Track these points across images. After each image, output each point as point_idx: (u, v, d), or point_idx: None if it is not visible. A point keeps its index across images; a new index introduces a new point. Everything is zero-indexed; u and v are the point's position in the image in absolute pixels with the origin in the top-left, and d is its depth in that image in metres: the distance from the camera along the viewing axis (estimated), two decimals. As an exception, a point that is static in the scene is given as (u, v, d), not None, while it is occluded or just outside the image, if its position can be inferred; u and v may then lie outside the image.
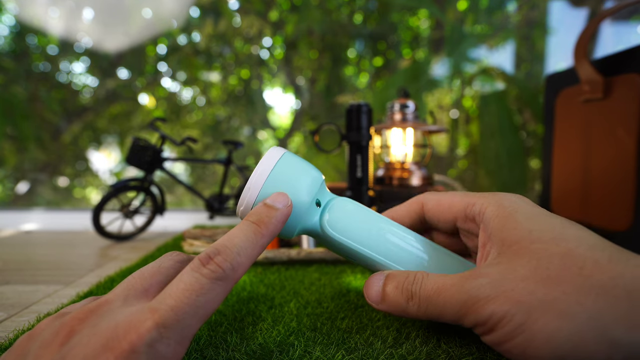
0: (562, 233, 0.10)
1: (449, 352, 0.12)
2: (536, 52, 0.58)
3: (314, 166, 0.14)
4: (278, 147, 0.14)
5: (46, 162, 0.60)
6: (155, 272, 0.11)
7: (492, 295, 0.10)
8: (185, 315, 0.09)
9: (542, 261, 0.09)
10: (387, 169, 0.32)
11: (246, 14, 0.62)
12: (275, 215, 0.12)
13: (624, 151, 0.25)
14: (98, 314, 0.09)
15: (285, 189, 0.13)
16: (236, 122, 0.66)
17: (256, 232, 0.11)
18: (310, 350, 0.13)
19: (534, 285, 0.09)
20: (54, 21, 0.57)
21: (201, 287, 0.09)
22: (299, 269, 0.23)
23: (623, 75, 0.25)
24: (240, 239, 0.11)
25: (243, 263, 0.10)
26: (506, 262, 0.10)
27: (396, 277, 0.12)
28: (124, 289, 0.10)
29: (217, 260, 0.10)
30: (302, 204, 0.13)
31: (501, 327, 0.09)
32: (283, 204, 0.12)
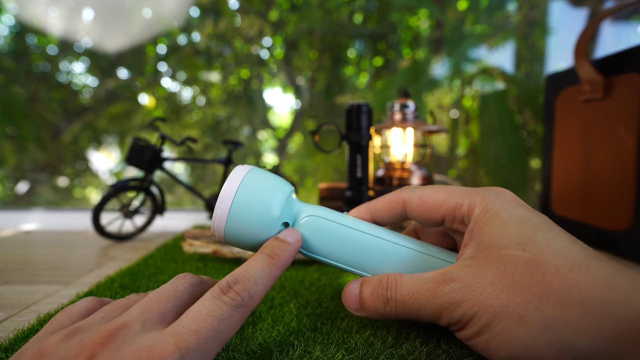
0: (531, 237, 0.10)
1: (449, 352, 0.12)
2: (536, 52, 0.58)
3: (281, 179, 0.14)
4: (243, 165, 0.14)
5: (46, 162, 0.60)
6: (172, 295, 0.11)
7: (463, 299, 0.10)
8: (207, 340, 0.09)
9: (509, 267, 0.10)
10: (387, 169, 0.32)
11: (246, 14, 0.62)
12: (287, 249, 0.12)
13: (624, 151, 0.25)
14: (119, 338, 0.09)
15: (253, 207, 0.13)
16: (236, 122, 0.66)
17: (270, 264, 0.12)
18: (310, 350, 0.13)
19: (500, 290, 0.10)
20: (53, 21, 0.57)
21: (222, 314, 0.10)
22: (299, 269, 0.23)
23: (623, 75, 0.25)
24: (257, 269, 0.11)
25: (259, 292, 0.11)
26: (476, 265, 0.11)
27: (370, 283, 0.13)
28: (141, 311, 0.10)
29: (236, 288, 0.10)
30: (273, 219, 0.13)
31: (470, 326, 0.10)
32: (294, 238, 0.13)
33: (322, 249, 0.14)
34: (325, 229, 0.14)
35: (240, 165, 0.14)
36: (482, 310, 0.10)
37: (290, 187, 0.14)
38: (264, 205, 0.13)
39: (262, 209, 0.13)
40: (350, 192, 0.28)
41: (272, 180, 0.14)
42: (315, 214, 0.14)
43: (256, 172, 0.14)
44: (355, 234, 0.14)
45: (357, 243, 0.14)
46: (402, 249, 0.14)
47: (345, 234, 0.14)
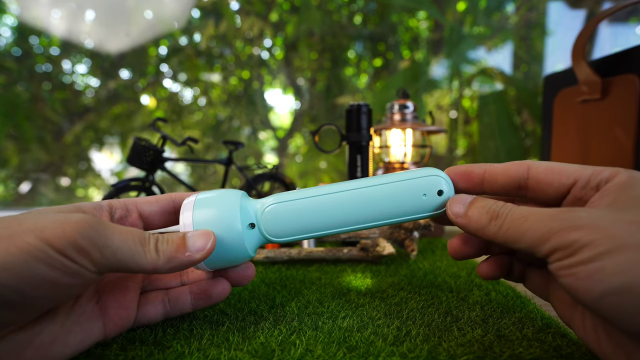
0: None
1: (449, 351, 0.13)
2: (535, 52, 0.58)
3: (227, 193, 0.14)
4: (188, 198, 0.14)
5: (48, 162, 0.61)
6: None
7: (586, 224, 0.09)
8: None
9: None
10: (387, 169, 0.33)
11: (247, 15, 0.62)
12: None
13: (622, 150, 0.25)
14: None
15: (215, 229, 0.13)
16: (237, 123, 0.66)
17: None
18: (311, 348, 0.13)
19: (637, 229, 0.09)
20: (56, 22, 0.57)
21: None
22: (300, 268, 0.23)
23: (620, 75, 0.25)
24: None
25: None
26: (615, 207, 0.10)
27: (485, 200, 0.12)
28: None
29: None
30: (237, 232, 0.13)
31: (582, 252, 0.09)
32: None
33: (295, 228, 0.14)
34: (287, 210, 0.14)
35: (186, 199, 0.14)
36: (605, 239, 0.09)
37: (239, 192, 0.14)
38: (223, 223, 0.13)
39: (223, 227, 0.13)
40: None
41: (220, 197, 0.14)
42: (270, 203, 0.14)
43: (201, 197, 0.14)
44: (314, 200, 0.13)
45: (322, 207, 0.13)
46: (368, 190, 0.13)
47: (305, 204, 0.14)
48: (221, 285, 0.14)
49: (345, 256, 0.25)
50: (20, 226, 0.09)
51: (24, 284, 0.09)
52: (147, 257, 0.11)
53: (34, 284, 0.09)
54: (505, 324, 0.15)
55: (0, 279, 0.09)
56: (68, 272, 0.10)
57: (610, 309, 0.09)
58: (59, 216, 0.10)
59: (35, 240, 0.09)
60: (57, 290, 0.10)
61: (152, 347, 0.13)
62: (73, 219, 0.10)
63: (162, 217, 0.15)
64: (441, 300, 0.17)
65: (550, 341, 0.13)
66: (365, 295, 0.18)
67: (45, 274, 0.09)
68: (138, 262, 0.11)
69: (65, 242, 0.09)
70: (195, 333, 0.14)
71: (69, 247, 0.09)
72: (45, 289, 0.09)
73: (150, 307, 0.14)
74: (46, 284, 0.09)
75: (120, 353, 0.13)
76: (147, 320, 0.14)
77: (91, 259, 0.10)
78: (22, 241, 0.09)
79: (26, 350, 0.10)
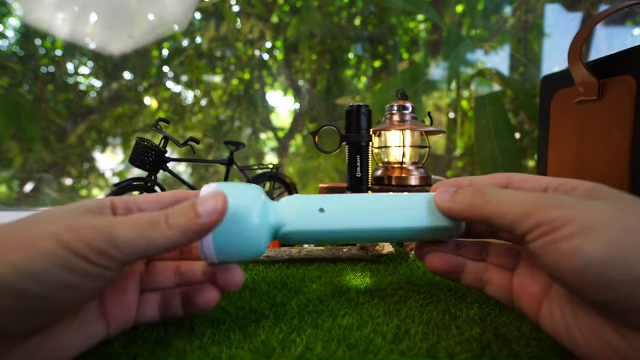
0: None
1: (448, 349, 0.13)
2: (532, 54, 0.58)
3: (250, 186, 0.14)
4: (209, 184, 0.14)
5: (52, 162, 0.61)
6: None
7: (569, 204, 0.10)
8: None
9: (631, 205, 0.10)
10: (386, 169, 0.33)
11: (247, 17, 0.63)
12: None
13: (619, 152, 0.25)
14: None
15: (234, 218, 0.13)
16: (238, 123, 0.67)
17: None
18: (311, 346, 0.13)
19: (613, 211, 0.10)
20: (59, 24, 0.58)
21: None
22: (300, 267, 0.24)
23: (617, 77, 0.26)
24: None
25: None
26: (593, 199, 0.11)
27: (470, 187, 0.13)
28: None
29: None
30: (254, 225, 0.13)
31: (565, 227, 0.10)
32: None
33: (312, 240, 0.14)
34: (303, 199, 0.14)
35: (206, 185, 0.14)
36: (587, 216, 0.09)
37: (260, 188, 0.14)
38: (244, 213, 0.13)
39: (242, 217, 0.13)
40: (350, 191, 0.29)
41: (242, 188, 0.14)
42: (288, 230, 0.14)
43: (224, 185, 0.14)
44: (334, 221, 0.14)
45: (339, 225, 0.14)
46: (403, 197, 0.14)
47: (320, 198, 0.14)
48: (206, 294, 0.14)
49: (344, 255, 0.25)
50: (37, 232, 0.10)
51: (50, 291, 0.09)
52: (163, 238, 0.11)
53: (60, 290, 0.09)
54: (504, 322, 0.15)
55: (29, 287, 0.09)
56: (90, 275, 0.10)
57: (592, 281, 0.09)
58: (71, 221, 0.10)
59: (56, 246, 0.09)
60: (80, 294, 0.10)
61: (154, 345, 0.13)
62: (86, 223, 0.10)
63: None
64: (440, 299, 0.17)
65: (547, 340, 0.13)
66: (364, 294, 0.18)
67: (68, 279, 0.09)
68: (155, 244, 0.11)
69: (84, 246, 0.10)
70: (196, 331, 0.14)
71: (88, 251, 0.10)
72: (69, 294, 0.10)
73: (147, 308, 0.14)
74: (70, 289, 0.10)
75: (122, 351, 0.13)
76: (145, 321, 0.14)
77: (111, 257, 0.10)
78: (44, 248, 0.09)
79: (38, 355, 0.10)
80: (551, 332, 0.12)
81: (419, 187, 0.31)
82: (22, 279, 0.09)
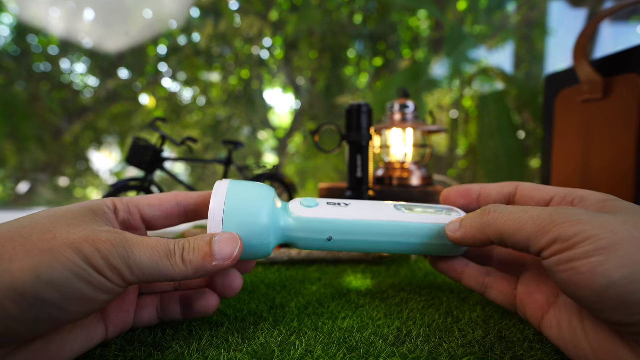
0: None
1: (450, 352, 0.12)
2: (536, 52, 0.58)
3: (261, 184, 0.14)
4: (222, 180, 0.14)
5: (47, 162, 0.60)
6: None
7: (586, 219, 0.10)
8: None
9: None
10: (387, 169, 0.32)
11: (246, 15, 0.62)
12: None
13: (624, 151, 0.25)
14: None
15: (244, 217, 0.13)
16: (236, 122, 0.66)
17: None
18: (311, 349, 0.13)
19: (632, 227, 0.09)
20: (54, 21, 0.57)
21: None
22: (300, 269, 0.23)
23: (622, 75, 0.25)
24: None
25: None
26: (605, 214, 0.10)
27: (476, 211, 0.13)
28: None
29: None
30: (263, 226, 0.13)
31: (583, 245, 0.09)
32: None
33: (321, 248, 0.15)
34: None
35: (219, 181, 0.14)
36: (604, 234, 0.09)
37: (272, 189, 0.14)
38: (254, 213, 0.13)
39: (252, 218, 0.13)
40: (350, 192, 0.28)
41: (254, 187, 0.14)
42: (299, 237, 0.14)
43: (236, 183, 0.14)
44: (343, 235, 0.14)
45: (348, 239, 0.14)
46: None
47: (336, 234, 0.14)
48: (205, 299, 0.14)
49: (345, 257, 0.25)
50: (55, 240, 0.10)
51: (66, 300, 0.09)
52: (175, 270, 0.11)
53: (74, 300, 0.09)
54: (507, 325, 0.15)
55: (47, 295, 0.09)
56: (103, 289, 0.10)
57: (610, 302, 0.09)
58: (89, 232, 0.10)
59: (74, 257, 0.09)
60: (91, 306, 0.10)
61: (151, 348, 0.13)
62: (104, 237, 0.10)
63: (165, 222, 0.15)
64: (442, 301, 0.17)
65: (551, 343, 0.13)
66: (365, 296, 0.18)
67: (82, 290, 0.10)
68: (167, 274, 0.11)
69: (100, 260, 0.10)
70: (194, 334, 0.14)
71: (104, 265, 0.10)
72: (81, 304, 0.10)
73: (146, 311, 0.14)
74: (83, 299, 0.10)
75: (119, 354, 0.13)
76: (143, 324, 0.14)
77: (122, 276, 0.10)
78: (64, 257, 0.09)
79: (40, 359, 0.11)
80: (556, 341, 0.12)
81: (421, 187, 0.31)
82: (42, 286, 0.09)
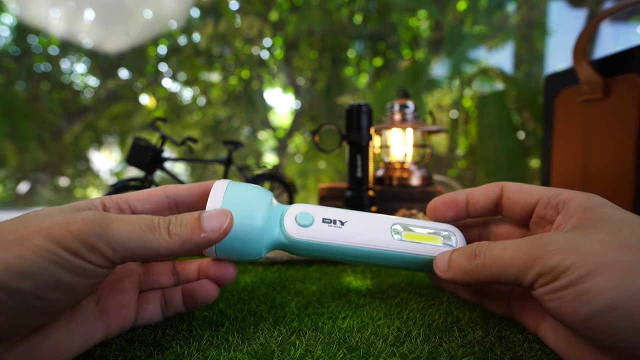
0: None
1: (450, 352, 0.12)
2: (535, 52, 0.58)
3: (260, 187, 0.14)
4: (221, 180, 0.14)
5: (47, 162, 0.61)
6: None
7: (563, 248, 0.10)
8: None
9: (623, 233, 0.10)
10: (387, 169, 0.33)
11: (246, 15, 0.62)
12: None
13: (623, 151, 0.25)
14: None
15: (239, 217, 0.13)
16: (236, 122, 0.66)
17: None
18: (311, 349, 0.13)
19: (609, 248, 0.09)
20: (55, 21, 0.57)
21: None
22: (300, 268, 0.23)
23: (622, 75, 0.25)
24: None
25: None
26: (584, 229, 0.10)
27: (460, 248, 0.13)
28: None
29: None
30: (257, 228, 0.13)
31: (565, 276, 0.09)
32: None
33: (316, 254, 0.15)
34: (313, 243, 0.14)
35: (218, 180, 0.14)
36: (583, 261, 0.09)
37: (269, 192, 0.14)
38: (250, 213, 0.13)
39: (249, 220, 0.13)
40: (350, 192, 0.28)
41: (252, 189, 0.14)
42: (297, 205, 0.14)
43: (235, 185, 0.14)
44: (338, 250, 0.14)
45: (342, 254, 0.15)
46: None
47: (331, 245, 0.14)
48: (205, 289, 0.14)
49: (345, 256, 0.25)
50: (26, 229, 0.09)
51: (41, 289, 0.09)
52: (159, 242, 0.11)
53: (51, 288, 0.09)
54: (507, 325, 0.14)
55: (19, 286, 0.09)
56: (84, 272, 0.09)
57: (597, 329, 0.09)
58: (62, 216, 0.10)
59: (45, 242, 0.09)
60: (74, 292, 0.10)
61: (151, 348, 0.13)
62: (78, 217, 0.10)
63: (155, 214, 0.15)
64: (442, 301, 0.17)
65: (551, 342, 0.13)
66: (365, 296, 0.18)
67: (60, 276, 0.09)
68: (151, 248, 0.10)
69: (74, 242, 0.09)
70: (194, 334, 0.14)
71: (79, 246, 0.09)
72: (62, 292, 0.09)
73: (149, 307, 0.14)
74: (62, 286, 0.09)
75: (119, 354, 0.13)
76: (146, 320, 0.14)
77: (102, 254, 0.10)
78: (33, 244, 0.09)
79: (37, 356, 0.10)
80: (552, 347, 0.12)
81: (421, 187, 0.31)
82: (12, 277, 0.09)
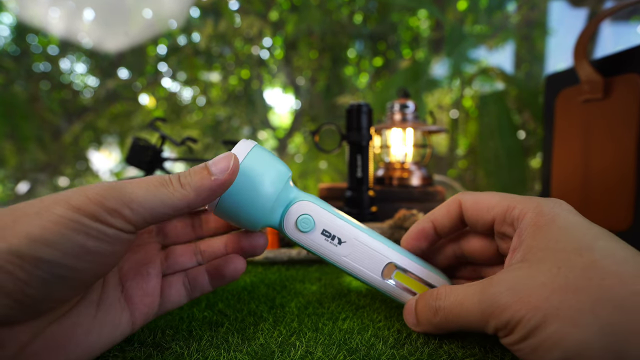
0: (590, 244, 0.10)
1: (450, 353, 0.12)
2: (536, 52, 0.58)
3: (283, 161, 0.14)
4: (248, 140, 0.14)
5: (47, 162, 0.61)
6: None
7: (510, 302, 0.10)
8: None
9: (562, 269, 0.10)
10: (387, 169, 0.33)
11: (246, 14, 0.62)
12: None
13: (624, 151, 0.25)
14: None
15: (254, 180, 0.13)
16: (236, 122, 0.66)
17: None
18: (311, 350, 0.13)
19: (550, 292, 0.09)
20: (54, 21, 0.57)
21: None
22: (300, 269, 0.23)
23: (623, 75, 0.25)
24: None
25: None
26: (527, 268, 0.10)
27: (423, 296, 0.13)
28: None
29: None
30: (268, 197, 0.13)
31: (517, 330, 0.10)
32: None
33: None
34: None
35: (245, 139, 0.14)
36: (530, 313, 0.09)
37: (290, 170, 0.14)
38: (265, 180, 0.13)
39: (262, 182, 0.13)
40: (351, 192, 0.28)
41: (275, 159, 0.14)
42: (308, 201, 0.14)
43: (261, 148, 0.14)
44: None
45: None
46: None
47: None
48: (233, 263, 0.14)
49: (345, 257, 0.25)
50: (43, 202, 0.09)
51: (68, 258, 0.09)
52: (175, 195, 0.11)
53: (77, 256, 0.09)
54: (507, 326, 0.15)
55: (45, 255, 0.09)
56: (105, 237, 0.10)
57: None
58: (76, 188, 0.10)
59: (66, 211, 0.09)
60: (100, 260, 0.10)
61: (150, 349, 0.13)
62: (92, 185, 0.10)
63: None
64: (442, 302, 0.17)
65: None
66: (365, 297, 0.18)
67: (84, 243, 0.09)
68: (168, 203, 0.10)
69: (94, 207, 0.09)
70: (194, 334, 0.14)
71: (99, 211, 0.09)
72: (88, 260, 0.09)
73: (173, 290, 0.14)
74: (88, 254, 0.09)
75: (118, 354, 0.12)
76: (172, 304, 0.14)
77: (123, 217, 0.10)
78: (54, 215, 0.09)
79: (70, 343, 0.10)
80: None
81: (421, 187, 0.31)
82: (38, 247, 0.09)
